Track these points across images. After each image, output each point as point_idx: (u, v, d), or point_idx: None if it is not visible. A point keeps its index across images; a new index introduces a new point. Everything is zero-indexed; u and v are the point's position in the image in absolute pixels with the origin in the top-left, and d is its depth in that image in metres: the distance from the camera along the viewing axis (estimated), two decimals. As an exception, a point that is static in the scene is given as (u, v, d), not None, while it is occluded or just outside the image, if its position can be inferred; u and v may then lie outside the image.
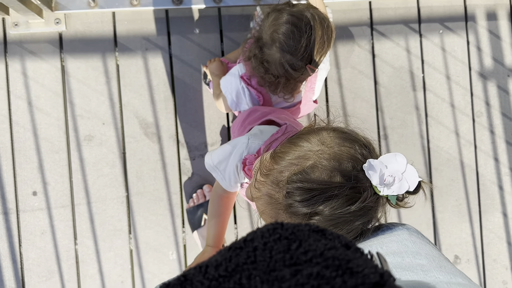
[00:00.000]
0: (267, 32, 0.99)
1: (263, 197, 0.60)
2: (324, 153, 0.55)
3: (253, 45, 1.05)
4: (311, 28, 0.94)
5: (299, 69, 0.99)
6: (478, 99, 1.73)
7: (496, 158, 1.75)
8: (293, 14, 0.95)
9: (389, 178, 0.51)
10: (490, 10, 1.74)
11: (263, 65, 1.03)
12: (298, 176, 0.55)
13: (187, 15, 1.58)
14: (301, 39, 0.94)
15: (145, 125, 1.56)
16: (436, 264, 0.45)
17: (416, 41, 1.68)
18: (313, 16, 0.95)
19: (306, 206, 0.53)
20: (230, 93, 1.21)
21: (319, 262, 0.29)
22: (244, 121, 1.12)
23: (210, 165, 0.98)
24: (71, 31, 1.54)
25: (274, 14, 1.00)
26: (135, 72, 1.56)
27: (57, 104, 1.54)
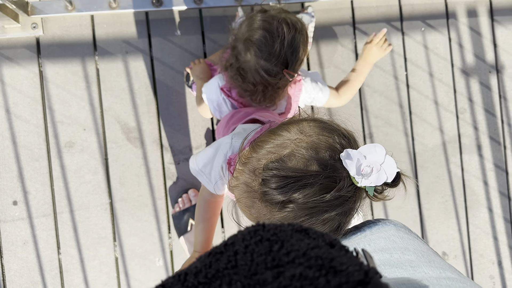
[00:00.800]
0: (241, 39, 0.98)
1: (240, 186, 0.59)
2: (302, 141, 0.54)
3: (229, 55, 1.04)
4: (283, 32, 0.93)
5: (275, 74, 0.98)
6: (461, 96, 1.74)
7: (481, 154, 1.76)
8: (265, 20, 0.95)
9: (366, 168, 0.50)
10: (471, 7, 1.75)
11: (240, 74, 1.02)
12: (274, 164, 0.54)
13: (168, 17, 1.56)
14: (274, 43, 0.93)
15: (127, 130, 1.53)
16: (425, 259, 0.44)
17: (399, 39, 1.69)
18: (285, 20, 0.94)
19: (280, 193, 0.52)
20: (211, 103, 1.20)
21: (302, 263, 0.28)
22: (228, 122, 1.11)
23: (195, 169, 0.96)
24: (49, 36, 1.50)
25: (247, 21, 0.99)
26: (116, 76, 1.53)
27: (36, 111, 1.50)
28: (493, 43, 1.77)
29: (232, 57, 1.03)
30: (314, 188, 0.51)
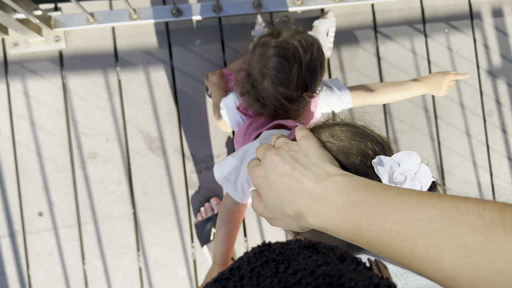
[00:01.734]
0: (255, 67, 0.95)
1: None
2: (333, 145, 0.51)
3: (244, 81, 1.01)
4: (299, 56, 0.89)
5: (295, 99, 0.95)
6: (488, 98, 1.69)
7: (510, 157, 1.70)
8: (279, 45, 0.91)
9: (400, 176, 0.47)
10: (496, 7, 1.70)
11: (259, 101, 0.99)
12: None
13: (188, 26, 1.56)
14: (291, 69, 0.90)
15: (149, 140, 1.54)
16: None
17: (422, 41, 1.65)
18: (300, 43, 0.90)
19: None
20: (230, 120, 1.18)
21: (309, 283, 0.27)
22: (247, 129, 1.09)
23: (220, 177, 0.94)
24: (71, 48, 1.52)
25: (260, 48, 0.95)
26: (138, 87, 1.54)
27: (60, 123, 1.52)
28: (520, 43, 1.72)
29: (248, 84, 0.99)
30: None
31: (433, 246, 0.32)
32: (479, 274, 0.29)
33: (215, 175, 0.95)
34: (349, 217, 0.38)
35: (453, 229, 0.31)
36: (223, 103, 1.20)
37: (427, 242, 0.32)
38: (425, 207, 0.34)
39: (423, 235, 0.32)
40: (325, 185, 0.42)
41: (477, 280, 0.29)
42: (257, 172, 0.48)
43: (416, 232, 0.33)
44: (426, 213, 0.33)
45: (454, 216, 0.32)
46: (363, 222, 0.37)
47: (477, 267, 0.30)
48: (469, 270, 0.30)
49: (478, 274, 0.29)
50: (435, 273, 0.32)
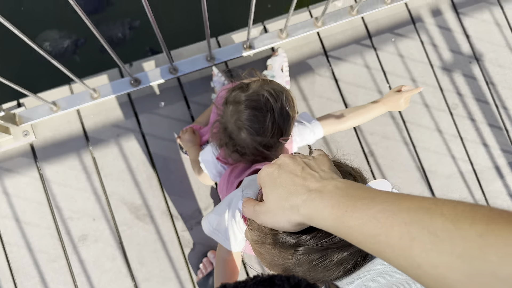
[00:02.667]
0: (230, 121, 0.99)
1: (254, 233, 0.59)
2: None
3: (221, 134, 1.04)
4: (271, 105, 0.93)
5: (273, 146, 0.99)
6: (449, 92, 1.75)
7: (485, 143, 1.74)
8: (250, 98, 0.95)
9: None
10: (434, 7, 1.79)
11: (238, 151, 1.02)
12: None
13: (149, 92, 1.61)
14: (265, 119, 0.93)
15: (135, 209, 1.55)
16: None
17: (372, 55, 1.72)
18: (269, 92, 0.94)
19: (290, 236, 0.52)
20: (210, 172, 1.21)
21: None
22: (229, 177, 1.11)
23: (210, 230, 0.95)
24: (41, 139, 1.55)
25: (232, 102, 0.98)
26: (113, 160, 1.57)
27: (44, 213, 1.53)
28: (465, 35, 1.79)
29: (225, 136, 1.03)
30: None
31: (406, 233, 0.34)
32: (442, 259, 0.31)
33: (204, 229, 0.97)
34: (338, 204, 0.41)
35: (427, 218, 0.33)
36: (201, 157, 1.23)
37: (401, 229, 0.34)
38: (407, 200, 0.36)
39: (399, 223, 0.34)
40: (325, 184, 0.45)
41: (439, 266, 0.31)
42: (267, 169, 0.51)
43: (393, 221, 0.35)
44: (407, 205, 0.36)
45: (430, 208, 0.34)
46: (349, 209, 0.39)
47: (440, 252, 0.31)
48: (433, 255, 0.31)
49: (441, 260, 0.31)
50: (403, 259, 0.34)
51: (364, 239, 0.38)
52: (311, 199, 0.44)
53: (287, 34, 1.60)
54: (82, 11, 0.99)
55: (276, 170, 0.50)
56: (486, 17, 1.82)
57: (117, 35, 2.20)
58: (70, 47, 2.17)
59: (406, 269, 0.34)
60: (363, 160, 1.67)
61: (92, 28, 1.08)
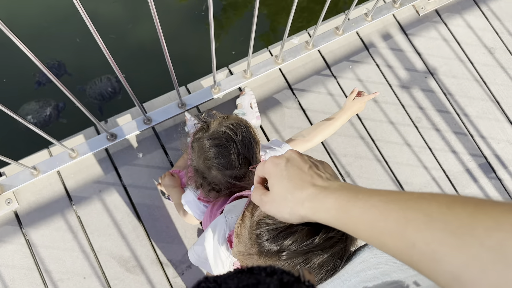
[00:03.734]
0: (199, 162, 1.04)
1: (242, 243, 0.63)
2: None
3: (195, 176, 1.10)
4: (232, 139, 0.99)
5: (244, 176, 1.04)
6: (410, 108, 1.85)
7: (453, 150, 1.83)
8: (212, 137, 1.01)
9: None
10: (383, 32, 1.93)
11: (214, 189, 1.08)
12: (265, 219, 0.59)
13: (126, 145, 1.67)
14: (230, 153, 0.99)
15: (124, 262, 1.56)
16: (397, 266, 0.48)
17: (334, 83, 1.82)
18: (228, 127, 1.01)
19: (272, 243, 0.56)
20: (195, 213, 1.25)
21: None
22: (211, 211, 1.15)
23: (196, 259, 0.98)
24: (25, 205, 1.58)
25: (196, 144, 1.05)
26: (97, 216, 1.59)
27: (34, 279, 1.52)
28: (417, 53, 1.93)
29: (199, 178, 1.08)
30: (302, 233, 0.54)
31: (402, 217, 0.36)
32: (434, 236, 0.33)
33: (191, 260, 1.00)
34: (341, 196, 0.44)
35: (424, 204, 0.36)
36: (183, 200, 1.27)
37: (398, 215, 0.37)
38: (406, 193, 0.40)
39: (397, 210, 0.38)
40: (331, 183, 0.48)
41: (431, 242, 0.33)
42: (276, 160, 0.53)
43: (391, 208, 0.38)
44: (406, 196, 0.39)
45: (427, 197, 0.37)
46: (351, 200, 0.43)
47: (433, 230, 0.34)
48: (427, 233, 0.34)
49: (434, 236, 0.33)
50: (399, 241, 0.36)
51: (364, 226, 0.41)
52: (316, 194, 0.47)
53: (251, 73, 1.70)
54: (56, 78, 1.06)
55: (283, 163, 0.52)
56: (433, 34, 1.96)
57: (108, 90, 2.30)
58: (52, 113, 2.24)
59: (401, 251, 0.37)
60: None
61: (66, 92, 1.15)
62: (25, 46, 0.91)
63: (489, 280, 0.30)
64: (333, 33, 1.80)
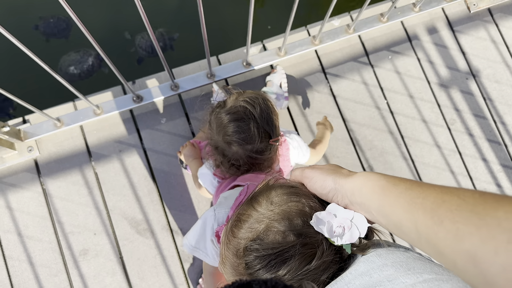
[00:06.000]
0: (219, 139, 1.02)
1: (227, 269, 0.60)
2: (274, 213, 0.55)
3: (214, 154, 1.08)
4: (250, 112, 0.97)
5: (265, 150, 1.01)
6: (446, 108, 1.77)
7: (484, 158, 1.75)
8: (230, 112, 0.98)
9: (338, 229, 0.51)
10: (429, 25, 1.83)
11: (234, 165, 1.05)
12: (253, 244, 0.54)
13: (151, 108, 1.65)
14: (249, 127, 0.96)
15: (135, 224, 1.56)
16: (404, 269, 0.45)
17: (370, 72, 1.75)
18: (245, 101, 0.98)
19: (266, 272, 0.52)
20: (208, 186, 1.24)
21: None
22: (217, 193, 1.14)
23: (190, 247, 0.98)
24: (45, 154, 1.59)
25: (214, 121, 1.03)
26: (114, 175, 1.59)
27: (46, 228, 1.55)
28: (461, 52, 1.83)
29: (218, 155, 1.06)
30: (296, 260, 0.51)
31: (440, 198, 0.40)
32: (461, 215, 0.37)
33: (184, 248, 1.00)
34: (386, 176, 0.49)
35: (460, 190, 0.40)
36: (199, 172, 1.26)
37: (437, 196, 0.41)
38: (444, 185, 0.43)
39: (436, 191, 0.41)
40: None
41: (458, 221, 0.37)
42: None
43: (432, 190, 0.42)
44: (444, 186, 0.43)
45: (464, 187, 0.42)
46: (396, 178, 0.48)
47: (462, 211, 0.38)
48: (456, 213, 0.38)
49: (461, 216, 0.37)
50: (430, 217, 0.40)
51: (404, 200, 0.44)
52: (361, 173, 0.53)
53: (285, 51, 1.65)
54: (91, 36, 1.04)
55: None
56: (482, 34, 1.85)
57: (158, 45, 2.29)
58: (94, 62, 2.25)
59: (428, 227, 0.40)
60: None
61: (97, 47, 1.12)
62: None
63: (501, 260, 0.32)
64: (377, 19, 1.71)
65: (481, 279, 0.34)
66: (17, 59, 2.09)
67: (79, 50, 2.25)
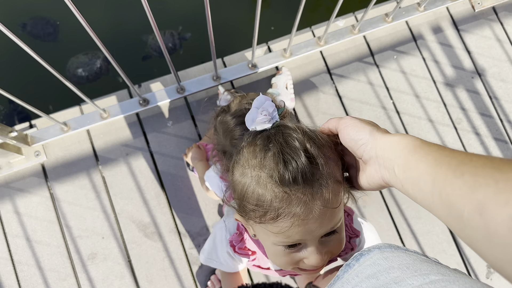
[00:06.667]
0: (226, 143, 1.00)
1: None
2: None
3: (222, 159, 1.06)
4: None
5: None
6: (452, 108, 1.76)
7: (491, 157, 1.74)
8: (235, 115, 0.97)
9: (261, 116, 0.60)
10: (434, 25, 1.83)
11: None
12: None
13: (157, 112, 1.65)
14: None
15: (143, 227, 1.56)
16: (410, 271, 0.45)
17: (375, 72, 1.75)
18: (249, 103, 0.97)
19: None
20: (216, 189, 1.24)
21: None
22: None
23: (205, 259, 0.99)
24: (52, 159, 1.59)
25: (220, 126, 1.01)
26: (122, 179, 1.60)
27: (55, 232, 1.55)
28: (467, 51, 1.82)
29: (227, 160, 1.06)
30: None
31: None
32: (487, 180, 0.37)
33: (201, 260, 1.01)
34: (420, 139, 0.50)
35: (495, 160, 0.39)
36: (206, 175, 1.26)
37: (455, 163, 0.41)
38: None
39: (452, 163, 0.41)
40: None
41: (480, 186, 0.37)
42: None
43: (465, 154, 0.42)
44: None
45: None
46: (427, 142, 0.48)
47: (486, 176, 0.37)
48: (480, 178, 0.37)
49: (485, 180, 0.37)
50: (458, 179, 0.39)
51: (430, 158, 0.44)
52: (396, 133, 0.53)
53: (290, 53, 1.65)
54: (96, 36, 1.04)
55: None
56: (487, 33, 1.85)
57: (168, 45, 2.30)
58: (103, 65, 2.25)
59: (446, 179, 0.40)
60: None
61: (102, 48, 1.13)
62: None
63: (509, 210, 0.32)
64: (382, 19, 1.71)
65: (482, 230, 0.35)
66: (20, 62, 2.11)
67: (87, 52, 2.26)
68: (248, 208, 0.60)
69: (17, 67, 2.23)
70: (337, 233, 0.61)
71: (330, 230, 0.59)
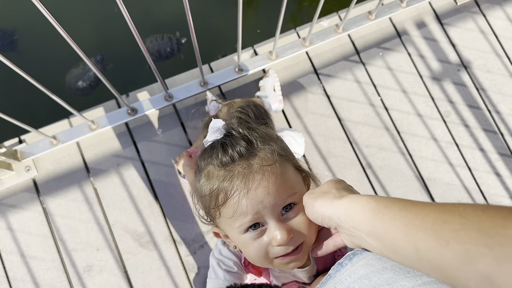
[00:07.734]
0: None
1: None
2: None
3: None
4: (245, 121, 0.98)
5: None
6: (440, 101, 1.78)
7: (481, 148, 1.75)
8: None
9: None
10: (417, 20, 1.84)
11: None
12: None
13: (146, 120, 1.65)
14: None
15: (138, 237, 1.56)
16: (403, 272, 0.46)
17: (362, 70, 1.76)
18: (238, 111, 0.98)
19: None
20: None
21: None
22: None
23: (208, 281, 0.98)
24: (43, 173, 1.58)
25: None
26: (114, 189, 1.59)
27: (49, 246, 1.54)
28: (451, 44, 1.84)
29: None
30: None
31: (439, 218, 0.39)
32: (469, 236, 0.35)
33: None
34: (379, 197, 0.48)
35: (460, 207, 0.38)
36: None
37: (436, 215, 0.40)
38: (441, 203, 0.42)
39: (434, 211, 0.40)
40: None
41: (467, 242, 0.35)
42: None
43: (429, 209, 0.41)
44: (441, 203, 0.42)
45: (463, 203, 0.39)
46: (390, 199, 0.46)
47: (468, 230, 0.36)
48: (461, 233, 0.36)
49: (468, 236, 0.35)
50: (433, 239, 0.38)
51: (400, 223, 0.42)
52: (355, 195, 0.52)
53: (276, 55, 1.65)
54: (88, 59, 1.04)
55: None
56: (470, 25, 1.87)
57: (166, 49, 2.31)
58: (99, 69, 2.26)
59: (434, 250, 0.37)
60: (361, 173, 1.68)
61: (85, 59, 1.13)
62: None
63: None
64: (365, 17, 1.72)
65: None
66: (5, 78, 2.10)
67: (78, 65, 2.26)
68: (207, 204, 0.63)
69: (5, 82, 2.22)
70: (296, 207, 0.61)
71: (283, 202, 0.60)
